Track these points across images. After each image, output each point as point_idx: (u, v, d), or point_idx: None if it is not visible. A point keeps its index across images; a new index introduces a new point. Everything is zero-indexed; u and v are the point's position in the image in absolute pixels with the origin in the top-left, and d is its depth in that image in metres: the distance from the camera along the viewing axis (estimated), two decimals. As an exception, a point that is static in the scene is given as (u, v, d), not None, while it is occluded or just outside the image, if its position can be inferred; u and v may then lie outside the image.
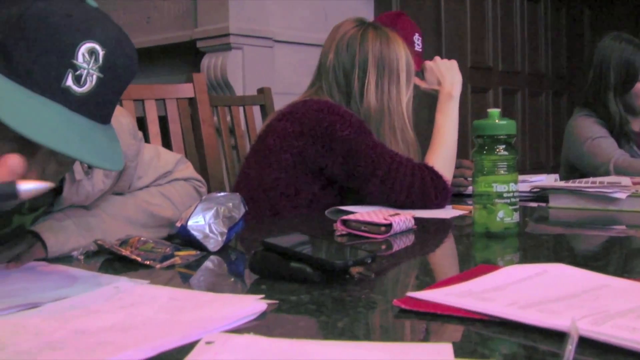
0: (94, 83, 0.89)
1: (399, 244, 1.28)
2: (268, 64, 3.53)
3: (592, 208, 1.65)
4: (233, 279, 1.09)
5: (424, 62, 2.05)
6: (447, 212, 1.66)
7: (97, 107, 0.91)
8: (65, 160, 0.95)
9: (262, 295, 0.82)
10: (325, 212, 1.66)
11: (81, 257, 1.15)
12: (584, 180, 1.90)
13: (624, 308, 0.71)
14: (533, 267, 0.91)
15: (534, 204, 1.79)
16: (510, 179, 1.27)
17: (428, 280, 1.02)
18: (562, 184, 1.83)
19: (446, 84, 1.95)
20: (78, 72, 0.87)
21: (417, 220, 1.42)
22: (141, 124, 1.70)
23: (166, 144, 2.13)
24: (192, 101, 2.27)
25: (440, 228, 1.55)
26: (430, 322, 0.74)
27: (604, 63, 2.68)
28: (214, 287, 0.99)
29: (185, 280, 1.05)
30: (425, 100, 2.07)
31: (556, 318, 0.68)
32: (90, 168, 1.15)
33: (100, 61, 0.89)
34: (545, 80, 5.45)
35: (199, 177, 1.44)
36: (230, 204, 1.22)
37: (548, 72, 5.50)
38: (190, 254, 1.14)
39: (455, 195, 1.95)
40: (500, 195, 1.26)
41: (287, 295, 0.85)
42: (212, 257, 1.16)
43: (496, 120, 1.29)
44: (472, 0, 4.59)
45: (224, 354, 0.61)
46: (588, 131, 2.64)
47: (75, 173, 1.13)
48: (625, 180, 1.87)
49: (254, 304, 0.78)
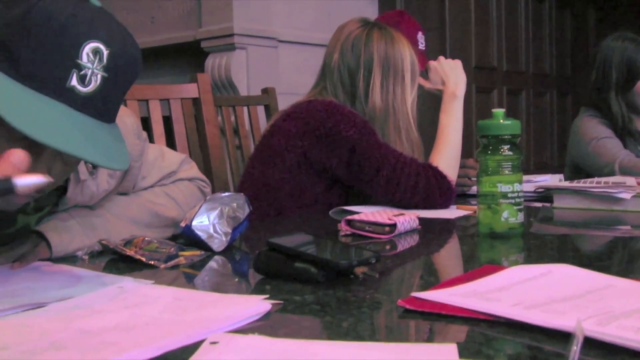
0: (98, 83, 0.89)
1: (403, 244, 1.28)
2: (272, 64, 3.53)
3: (597, 208, 1.64)
4: (237, 279, 1.09)
5: (428, 62, 2.05)
6: (452, 212, 1.66)
7: (102, 107, 0.91)
8: (70, 160, 0.96)
9: (267, 296, 0.83)
10: (330, 212, 1.66)
11: (85, 257, 1.15)
12: (588, 180, 1.90)
13: (629, 308, 0.70)
14: (538, 268, 0.90)
15: (539, 204, 1.78)
16: (514, 179, 1.27)
17: (432, 281, 1.02)
18: (567, 184, 1.82)
19: (450, 84, 1.95)
20: (83, 72, 0.88)
21: (422, 220, 1.42)
22: (145, 124, 1.70)
23: (170, 144, 2.13)
24: (197, 101, 2.27)
25: (444, 228, 1.55)
26: (435, 323, 0.73)
27: (606, 62, 2.67)
28: (218, 287, 0.99)
29: (189, 281, 1.05)
30: (430, 100, 2.07)
31: (561, 318, 0.67)
32: (95, 168, 1.15)
33: (105, 61, 0.89)
34: (549, 80, 5.45)
35: (203, 177, 1.45)
36: (235, 204, 1.22)
37: (552, 72, 5.49)
38: (194, 254, 1.14)
39: (459, 195, 1.95)
40: (504, 196, 1.26)
41: (292, 296, 0.85)
42: (217, 257, 1.16)
43: (501, 120, 1.28)
44: (477, 0, 4.58)
45: (228, 354, 0.61)
46: (593, 131, 2.64)
47: (80, 173, 1.13)
48: (631, 180, 1.86)
49: (259, 304, 0.78)
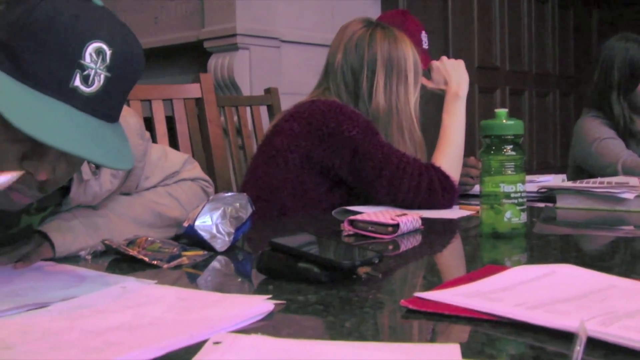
0: (101, 82, 0.89)
1: (406, 244, 1.28)
2: (275, 64, 3.53)
3: (600, 208, 1.64)
4: (240, 279, 1.09)
5: (430, 62, 2.05)
6: (454, 213, 1.66)
7: (106, 106, 0.91)
8: (75, 160, 0.96)
9: (270, 296, 0.83)
10: (333, 212, 1.66)
11: (89, 257, 1.15)
12: (591, 180, 1.90)
13: (632, 309, 0.70)
14: (541, 268, 0.90)
15: (542, 205, 1.78)
16: (517, 179, 1.27)
17: (435, 281, 1.02)
18: (570, 184, 1.82)
19: (453, 84, 1.95)
20: (86, 72, 0.88)
21: (424, 220, 1.42)
22: (148, 124, 1.70)
23: (173, 144, 2.13)
24: (199, 101, 2.27)
25: (447, 228, 1.55)
26: (438, 323, 0.73)
27: (609, 63, 2.67)
28: (221, 287, 0.99)
29: (192, 281, 1.05)
30: (432, 100, 2.07)
31: (564, 319, 0.67)
32: (98, 168, 1.15)
33: (108, 60, 0.89)
34: (552, 80, 5.44)
35: (206, 177, 1.45)
36: (238, 204, 1.23)
37: (555, 72, 5.49)
38: (197, 254, 1.14)
39: (461, 195, 1.94)
40: (507, 196, 1.26)
41: (295, 296, 0.85)
42: (219, 257, 1.16)
43: (503, 121, 1.28)
44: (479, 0, 4.58)
45: (231, 354, 0.62)
46: (596, 132, 2.63)
47: (83, 173, 1.13)
48: (634, 180, 1.86)
49: (261, 304, 0.78)
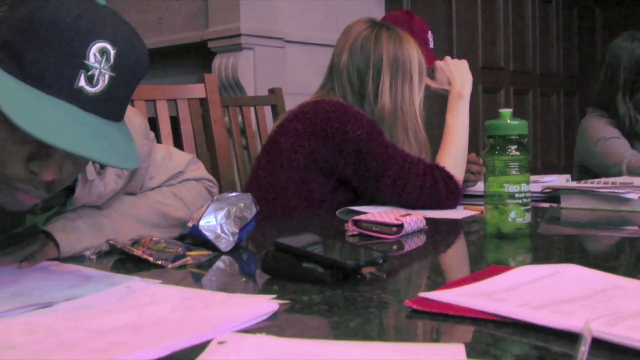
0: (106, 82, 0.89)
1: (410, 245, 1.28)
2: (279, 64, 3.53)
3: (604, 209, 1.64)
4: (245, 279, 1.09)
5: (434, 62, 2.05)
6: (459, 213, 1.66)
7: (110, 106, 0.91)
8: (80, 160, 0.96)
9: (274, 296, 0.83)
10: (337, 212, 1.66)
11: (93, 257, 1.15)
12: (595, 180, 1.89)
13: (637, 309, 0.70)
14: (545, 268, 0.90)
15: (546, 205, 1.78)
16: (521, 179, 1.27)
17: (440, 281, 1.02)
18: (574, 184, 1.82)
19: (456, 84, 1.95)
20: (90, 73, 0.88)
21: (429, 220, 1.42)
22: (153, 124, 1.70)
23: (177, 144, 2.13)
24: (204, 101, 2.27)
25: (451, 228, 1.55)
26: (442, 323, 0.73)
27: (615, 63, 2.66)
28: (225, 287, 0.99)
29: (197, 280, 1.05)
30: (436, 100, 2.07)
31: (569, 319, 0.67)
32: (103, 168, 1.15)
33: (112, 60, 0.90)
34: (556, 80, 5.43)
35: (211, 177, 1.45)
36: (242, 204, 1.23)
37: (559, 72, 5.48)
38: (201, 254, 1.14)
39: (466, 195, 1.94)
40: (512, 196, 1.26)
41: (299, 296, 0.85)
42: (224, 257, 1.16)
43: (508, 121, 1.28)
44: (484, 0, 4.58)
45: (236, 354, 0.62)
46: (600, 131, 2.63)
47: (88, 173, 1.13)
48: (638, 180, 1.86)
49: (266, 304, 0.78)
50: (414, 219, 1.35)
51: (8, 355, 0.65)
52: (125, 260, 1.13)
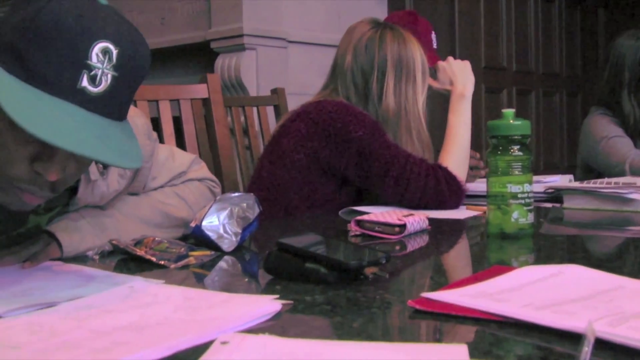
0: (109, 82, 0.89)
1: (413, 245, 1.28)
2: (282, 65, 3.53)
3: (607, 209, 1.64)
4: (247, 279, 1.09)
5: (437, 62, 2.05)
6: (461, 213, 1.65)
7: (113, 106, 0.92)
8: (84, 160, 0.96)
9: (277, 296, 0.83)
10: (339, 213, 1.66)
11: (96, 257, 1.15)
12: (598, 181, 1.89)
13: (640, 309, 0.70)
14: (548, 268, 0.90)
15: (549, 205, 1.78)
16: (524, 179, 1.27)
17: (442, 281, 1.02)
18: (577, 184, 1.82)
19: (458, 85, 1.95)
20: (93, 73, 0.88)
21: (431, 220, 1.42)
22: (155, 124, 1.70)
23: (180, 144, 2.13)
24: (206, 102, 2.27)
25: (454, 229, 1.55)
26: (445, 323, 0.73)
27: (619, 61, 2.66)
28: (228, 287, 0.99)
29: (199, 281, 1.05)
30: (438, 101, 2.07)
31: (572, 319, 0.67)
32: (106, 168, 1.15)
33: (115, 60, 0.89)
34: (559, 80, 5.43)
35: (213, 178, 1.45)
36: (245, 204, 1.23)
37: (562, 72, 5.48)
38: (204, 254, 1.14)
39: (469, 195, 1.94)
40: (514, 196, 1.26)
41: (302, 296, 0.85)
42: (227, 258, 1.16)
43: (510, 121, 1.28)
44: (486, 0, 4.57)
45: (238, 354, 0.62)
46: (604, 130, 2.62)
47: (90, 173, 1.13)
48: (641, 180, 1.85)
49: (269, 304, 0.78)
50: (417, 219, 1.35)
51: (11, 355, 0.65)
52: (128, 260, 1.13)
